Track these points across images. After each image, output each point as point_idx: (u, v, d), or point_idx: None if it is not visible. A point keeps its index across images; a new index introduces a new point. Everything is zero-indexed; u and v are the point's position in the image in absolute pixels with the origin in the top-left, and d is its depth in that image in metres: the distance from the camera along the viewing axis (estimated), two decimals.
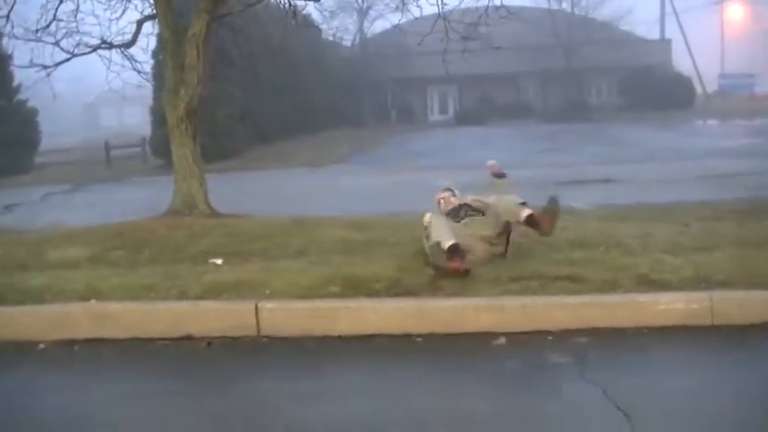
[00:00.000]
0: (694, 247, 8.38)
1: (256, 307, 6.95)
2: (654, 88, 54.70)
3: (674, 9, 64.67)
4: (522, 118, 53.23)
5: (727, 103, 58.36)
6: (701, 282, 7.07)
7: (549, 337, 6.44)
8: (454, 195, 9.21)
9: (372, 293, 7.17)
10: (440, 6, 13.01)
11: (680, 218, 10.46)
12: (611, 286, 7.05)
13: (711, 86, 66.41)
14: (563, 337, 6.41)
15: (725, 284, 6.99)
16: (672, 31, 64.52)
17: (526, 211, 7.99)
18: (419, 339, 6.56)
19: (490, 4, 12.99)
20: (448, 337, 6.57)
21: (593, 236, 9.15)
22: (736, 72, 68.57)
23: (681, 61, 62.43)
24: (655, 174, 19.05)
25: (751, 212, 10.81)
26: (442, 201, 9.13)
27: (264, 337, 6.85)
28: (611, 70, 57.83)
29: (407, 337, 6.60)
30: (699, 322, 6.59)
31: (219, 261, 8.70)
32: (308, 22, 32.64)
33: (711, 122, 45.13)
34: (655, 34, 64.62)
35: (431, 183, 18.52)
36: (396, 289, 7.24)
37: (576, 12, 59.53)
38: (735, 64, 70.94)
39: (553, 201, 8.12)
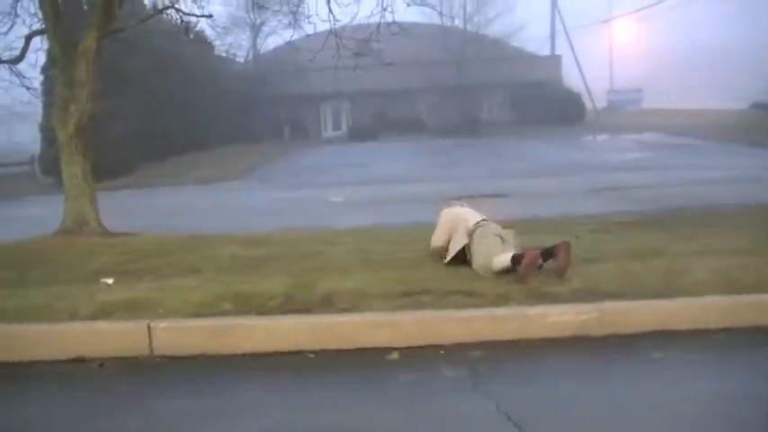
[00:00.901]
0: (584, 258, 8.54)
1: (149, 327, 6.84)
2: (545, 104, 55.61)
3: (563, 26, 65.81)
4: (416, 133, 53.62)
5: (617, 117, 59.58)
6: (591, 293, 7.22)
7: (442, 351, 6.49)
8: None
9: (265, 311, 7.15)
10: (331, 23, 13.07)
11: (570, 230, 10.63)
12: (503, 300, 7.15)
13: (601, 102, 67.76)
14: (456, 350, 6.48)
15: (613, 295, 7.16)
16: (562, 48, 65.66)
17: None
18: (312, 356, 6.56)
19: (382, 21, 13.08)
20: (341, 353, 6.58)
21: None
22: (625, 88, 70.17)
23: (571, 77, 63.54)
24: (547, 187, 19.39)
25: (639, 224, 11.08)
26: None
27: (158, 356, 6.75)
28: (503, 86, 58.52)
29: (301, 353, 6.60)
30: (588, 333, 6.74)
31: (111, 280, 8.56)
32: (200, 38, 32.48)
33: (601, 137, 45.99)
34: (545, 51, 65.66)
35: (323, 199, 18.64)
36: (289, 305, 7.22)
37: (469, 28, 60.18)
38: (623, 80, 72.60)
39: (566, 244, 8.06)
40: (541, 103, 55.80)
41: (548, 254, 7.97)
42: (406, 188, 20.37)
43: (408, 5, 13.55)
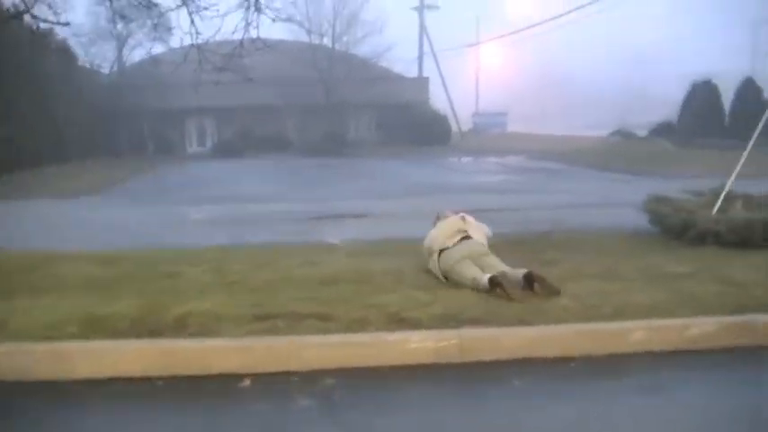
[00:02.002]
0: (444, 283, 8.47)
1: None
2: (411, 124, 55.94)
3: (431, 48, 66.53)
4: (281, 151, 53.21)
5: (481, 140, 60.37)
6: (451, 319, 7.11)
7: (296, 378, 6.29)
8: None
9: (114, 334, 6.81)
10: (193, 36, 12.75)
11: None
12: (361, 325, 6.99)
13: (466, 124, 68.63)
14: (311, 377, 6.28)
15: (476, 321, 7.07)
16: (430, 70, 66.24)
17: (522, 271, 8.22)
18: (161, 383, 6.26)
19: (246, 36, 12.83)
20: (192, 379, 6.31)
21: (344, 272, 9.16)
22: (490, 111, 71.30)
23: (438, 99, 64.18)
24: (410, 209, 19.30)
25: (503, 248, 11.07)
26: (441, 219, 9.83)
27: None
28: (370, 106, 58.62)
29: (149, 380, 6.29)
30: (448, 360, 6.63)
31: None
32: (62, 48, 31.63)
33: (466, 159, 46.45)
34: (413, 72, 66.12)
35: (184, 216, 18.22)
36: (139, 329, 6.91)
37: (337, 47, 60.17)
38: (489, 103, 73.76)
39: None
40: (408, 124, 56.13)
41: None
42: (268, 207, 20.06)
43: (274, 21, 13.33)
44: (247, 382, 6.20)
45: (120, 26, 50.23)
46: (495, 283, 8.00)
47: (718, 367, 6.75)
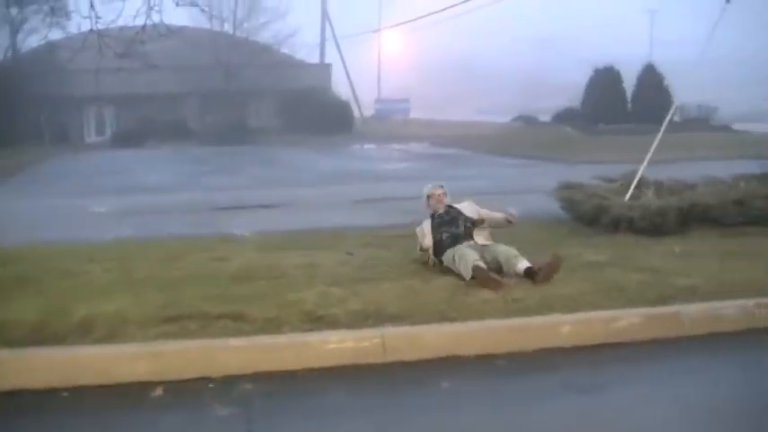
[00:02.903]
0: (360, 278, 8.18)
1: None
2: (314, 112, 55.47)
3: (333, 35, 66.19)
4: (183, 140, 52.21)
5: (384, 127, 60.24)
6: (371, 316, 6.82)
7: (212, 385, 5.92)
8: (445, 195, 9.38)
9: (12, 342, 6.31)
10: (92, 20, 12.22)
11: (344, 245, 10.34)
12: (275, 325, 6.65)
13: (369, 111, 68.49)
14: (227, 383, 5.92)
15: (397, 318, 6.80)
16: (332, 57, 65.91)
17: (524, 264, 8.11)
18: (65, 394, 5.81)
19: (148, 21, 12.35)
20: (99, 389, 5.87)
21: (256, 267, 8.83)
22: (392, 97, 71.29)
23: (340, 85, 63.88)
24: (316, 198, 18.99)
25: (414, 237, 10.86)
26: (433, 197, 9.31)
27: None
28: (272, 93, 58.09)
29: (53, 391, 5.83)
30: (371, 360, 6.35)
31: None
32: None
33: (369, 146, 46.28)
34: (315, 58, 65.77)
35: (81, 208, 17.60)
36: (40, 335, 6.43)
37: (239, 34, 59.48)
38: (391, 90, 73.75)
39: (556, 257, 8.11)
40: (310, 110, 55.64)
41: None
42: (171, 198, 19.51)
43: (178, 5, 12.86)
44: (160, 391, 5.81)
45: (14, 11, 48.99)
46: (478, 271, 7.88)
47: (647, 360, 6.62)
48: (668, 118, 12.73)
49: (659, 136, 12.33)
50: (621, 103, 42.95)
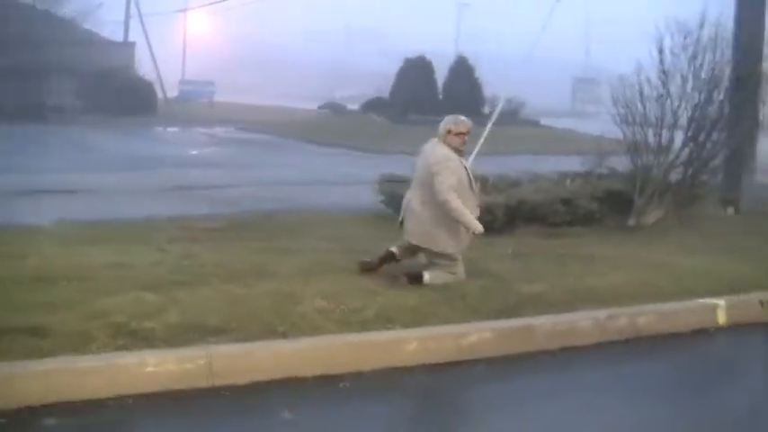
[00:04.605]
0: (177, 280, 7.34)
1: None
2: (116, 92, 53.44)
3: (138, 12, 64.25)
4: None
5: (188, 109, 58.90)
6: (192, 330, 5.95)
7: (4, 420, 4.87)
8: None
9: None
10: None
11: (154, 238, 9.53)
12: (82, 340, 5.66)
13: (173, 92, 67.01)
14: (24, 418, 4.92)
15: (221, 332, 5.99)
16: (136, 35, 63.95)
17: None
18: None
19: None
20: None
21: (60, 267, 7.74)
22: (197, 79, 70.09)
23: (144, 65, 62.05)
24: (120, 184, 17.70)
25: (229, 231, 10.09)
26: (458, 135, 8.64)
27: None
28: (72, 70, 55.61)
29: None
30: (196, 384, 5.47)
31: None
32: None
33: (172, 129, 44.88)
34: (119, 36, 63.59)
35: None
36: None
37: (38, 6, 56.84)
38: (196, 72, 72.42)
39: None
40: (112, 90, 53.59)
41: None
42: None
43: None
44: None
45: None
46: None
47: (504, 379, 6.12)
48: (497, 111, 12.57)
49: (488, 128, 12.11)
50: (433, 94, 43.17)
